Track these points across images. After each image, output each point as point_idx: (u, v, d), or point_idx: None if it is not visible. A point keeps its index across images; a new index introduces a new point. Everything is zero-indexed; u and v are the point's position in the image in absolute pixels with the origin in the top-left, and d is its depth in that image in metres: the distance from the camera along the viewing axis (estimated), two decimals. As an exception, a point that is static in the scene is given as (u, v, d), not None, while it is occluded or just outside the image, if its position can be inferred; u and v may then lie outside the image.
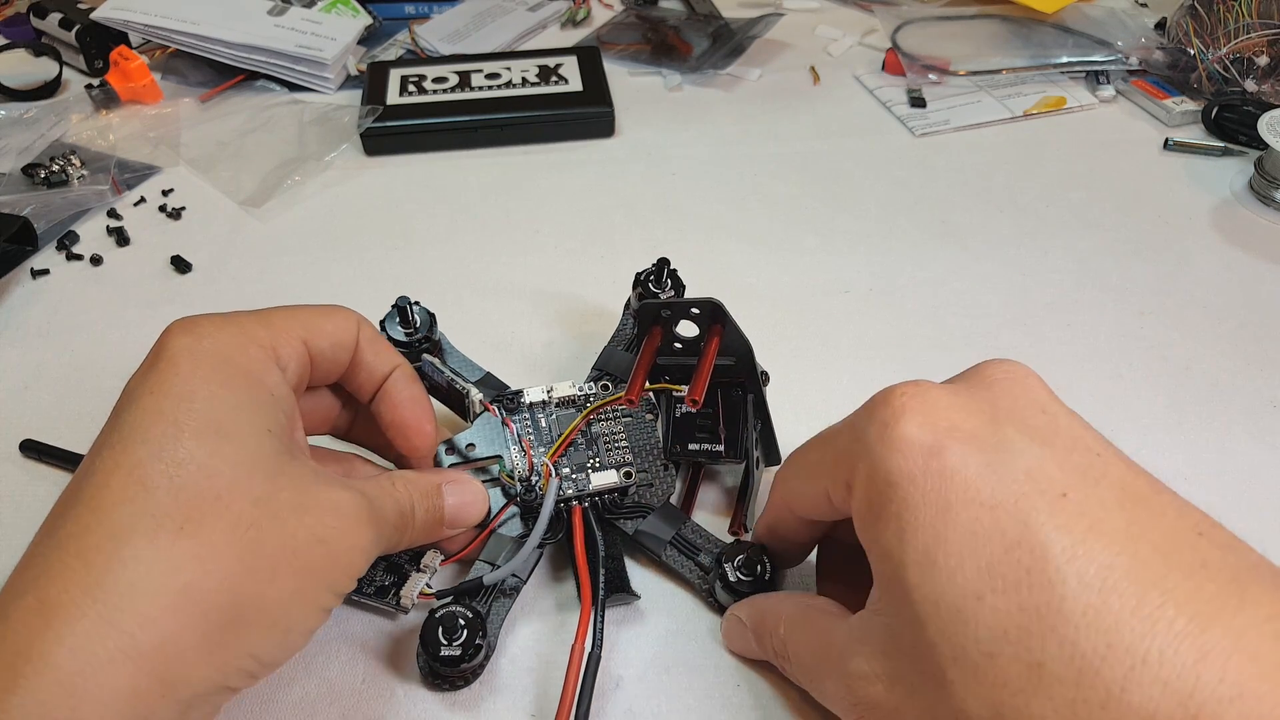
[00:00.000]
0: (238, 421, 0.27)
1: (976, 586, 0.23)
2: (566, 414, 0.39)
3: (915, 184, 0.60)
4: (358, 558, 0.29)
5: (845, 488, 0.28)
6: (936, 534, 0.24)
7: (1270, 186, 0.57)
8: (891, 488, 0.25)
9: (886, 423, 0.26)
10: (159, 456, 0.26)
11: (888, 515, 0.25)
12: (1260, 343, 0.48)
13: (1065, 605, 0.22)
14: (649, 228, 0.56)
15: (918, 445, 0.25)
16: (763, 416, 0.38)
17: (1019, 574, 0.22)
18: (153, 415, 0.27)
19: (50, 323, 0.50)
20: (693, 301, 0.34)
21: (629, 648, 0.35)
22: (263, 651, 0.26)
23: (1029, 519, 0.23)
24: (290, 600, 0.27)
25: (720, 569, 0.34)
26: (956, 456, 0.24)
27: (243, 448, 0.27)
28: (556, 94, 0.65)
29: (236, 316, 0.30)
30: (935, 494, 0.24)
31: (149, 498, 0.25)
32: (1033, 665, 0.22)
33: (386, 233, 0.56)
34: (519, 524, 0.37)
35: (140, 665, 0.24)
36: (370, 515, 0.29)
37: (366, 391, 0.35)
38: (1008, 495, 0.24)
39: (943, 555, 0.24)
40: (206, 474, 0.26)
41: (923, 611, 0.24)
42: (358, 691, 0.34)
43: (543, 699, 0.34)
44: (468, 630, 0.32)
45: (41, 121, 0.64)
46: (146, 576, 0.24)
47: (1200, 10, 0.66)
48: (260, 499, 0.26)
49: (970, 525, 0.23)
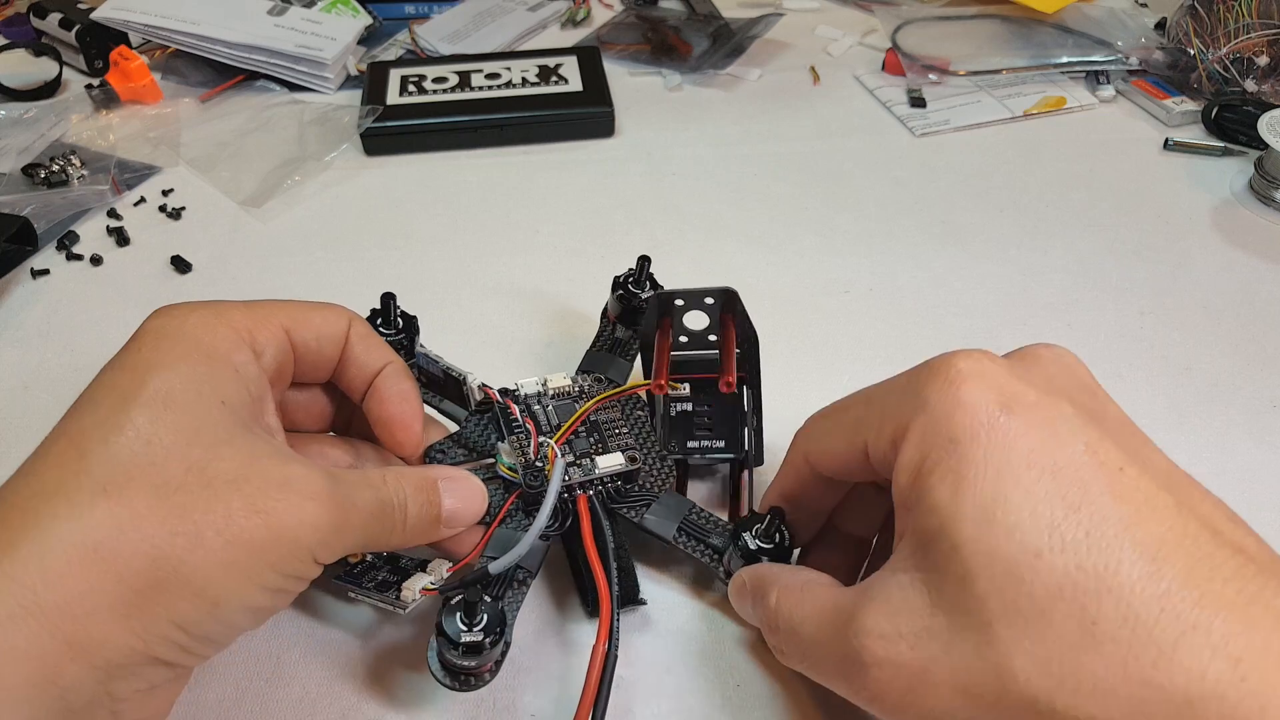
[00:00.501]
0: (188, 392, 0.27)
1: (1036, 544, 0.23)
2: (563, 404, 0.39)
3: (915, 184, 0.60)
4: (305, 534, 0.27)
5: (890, 443, 0.28)
6: (997, 491, 0.24)
7: (1270, 186, 0.57)
8: (953, 444, 0.25)
9: (951, 382, 0.26)
10: (100, 424, 0.26)
11: (944, 470, 0.25)
12: (1260, 343, 0.48)
13: (1122, 569, 0.22)
14: (649, 228, 0.56)
15: (982, 407, 0.26)
16: (757, 415, 0.38)
17: (1079, 535, 0.23)
18: (105, 389, 0.27)
19: (50, 323, 0.50)
20: (708, 290, 0.34)
21: (629, 647, 0.35)
22: (188, 621, 0.25)
23: (1090, 487, 0.24)
24: (218, 570, 0.25)
25: (739, 538, 0.33)
26: (1020, 422, 0.25)
27: (187, 416, 0.27)
28: (556, 94, 0.65)
29: (218, 303, 0.31)
30: (999, 453, 0.25)
31: (81, 461, 0.25)
32: (1086, 623, 0.22)
33: (386, 233, 0.56)
34: (522, 518, 0.36)
35: (43, 623, 0.23)
36: (332, 497, 0.28)
37: (358, 388, 0.34)
38: (1070, 463, 0.24)
39: (1002, 512, 0.24)
40: (144, 440, 0.26)
41: (975, 565, 0.24)
42: (340, 701, 0.33)
43: (540, 697, 0.33)
44: (488, 616, 0.29)
45: (41, 121, 0.64)
46: (56, 535, 0.24)
47: (1200, 10, 0.66)
48: (195, 466, 0.26)
49: (1032, 486, 0.24)
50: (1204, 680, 0.21)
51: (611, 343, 0.42)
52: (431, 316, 0.49)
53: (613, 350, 0.41)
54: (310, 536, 0.27)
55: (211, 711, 0.33)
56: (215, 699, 0.33)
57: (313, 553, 0.27)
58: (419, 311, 0.45)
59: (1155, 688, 0.21)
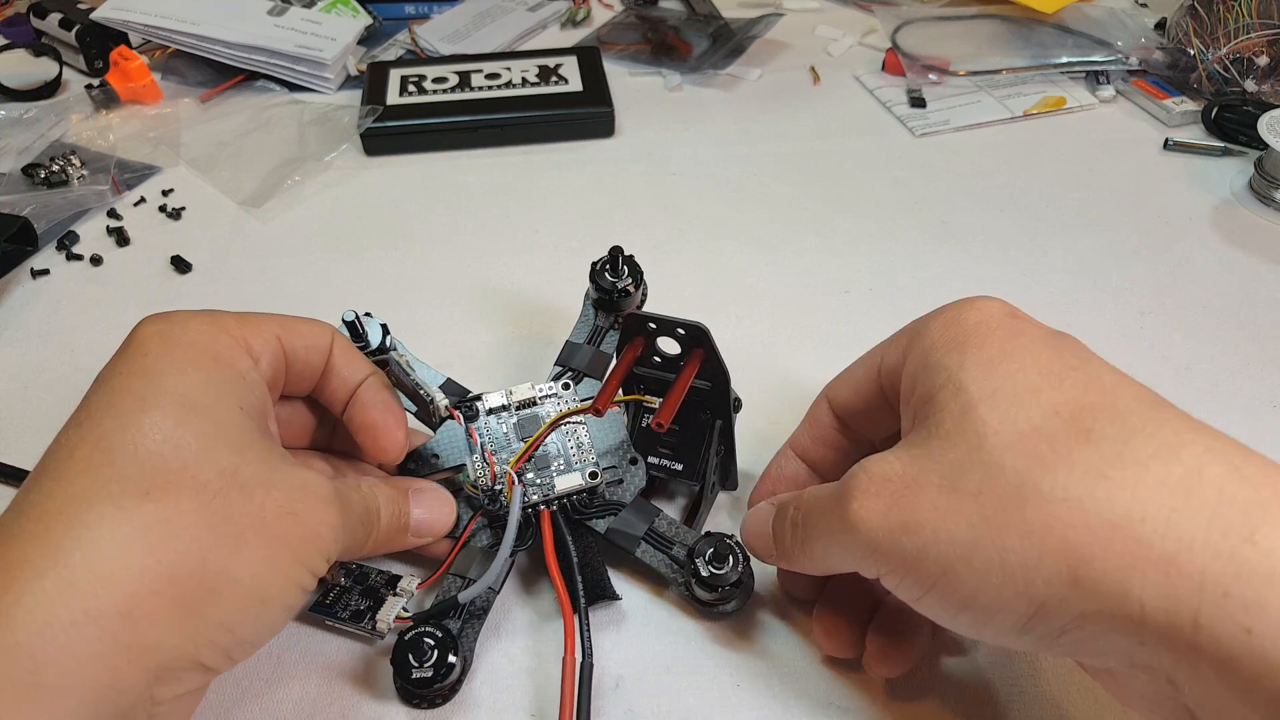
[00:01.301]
0: (206, 396, 0.28)
1: (1037, 382, 0.26)
2: (528, 414, 0.38)
3: (915, 184, 0.60)
4: (327, 534, 0.28)
5: (901, 354, 0.30)
6: (1003, 351, 0.27)
7: (1270, 186, 0.57)
8: (961, 328, 0.28)
9: (962, 302, 0.29)
10: (125, 428, 0.26)
11: (951, 343, 0.28)
12: (1260, 343, 0.48)
13: (1119, 397, 0.25)
14: (649, 228, 0.56)
15: (994, 310, 0.28)
16: (727, 443, 0.38)
17: (1078, 381, 0.26)
18: (120, 393, 0.27)
19: (50, 323, 0.50)
20: (680, 322, 0.34)
21: (629, 648, 0.35)
22: (236, 623, 0.26)
23: (1088, 362, 0.26)
24: (262, 570, 0.26)
25: (692, 564, 0.34)
26: (1028, 324, 0.28)
27: (210, 420, 0.27)
28: (556, 94, 0.65)
29: (209, 310, 0.31)
30: (1006, 332, 0.27)
31: (113, 466, 0.25)
32: (1081, 431, 0.24)
33: (386, 233, 0.56)
34: (487, 534, 0.36)
35: (104, 628, 0.23)
36: (337, 499, 0.29)
37: (339, 400, 0.34)
38: (1070, 348, 0.27)
39: (1005, 363, 0.26)
40: (172, 444, 0.26)
41: (976, 397, 0.26)
42: (340, 701, 0.33)
43: (540, 698, 0.33)
44: (438, 650, 0.31)
45: (41, 122, 0.64)
46: (110, 540, 0.24)
47: (1200, 10, 0.66)
48: (227, 470, 0.26)
49: (1033, 347, 0.27)
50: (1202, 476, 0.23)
51: (592, 330, 0.41)
52: (431, 316, 0.50)
53: (589, 341, 0.41)
54: (329, 536, 0.28)
55: (211, 711, 0.33)
56: (215, 699, 0.33)
57: (328, 552, 0.29)
58: (419, 311, 0.45)
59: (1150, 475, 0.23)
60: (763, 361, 0.47)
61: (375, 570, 0.35)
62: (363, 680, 0.34)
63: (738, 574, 0.34)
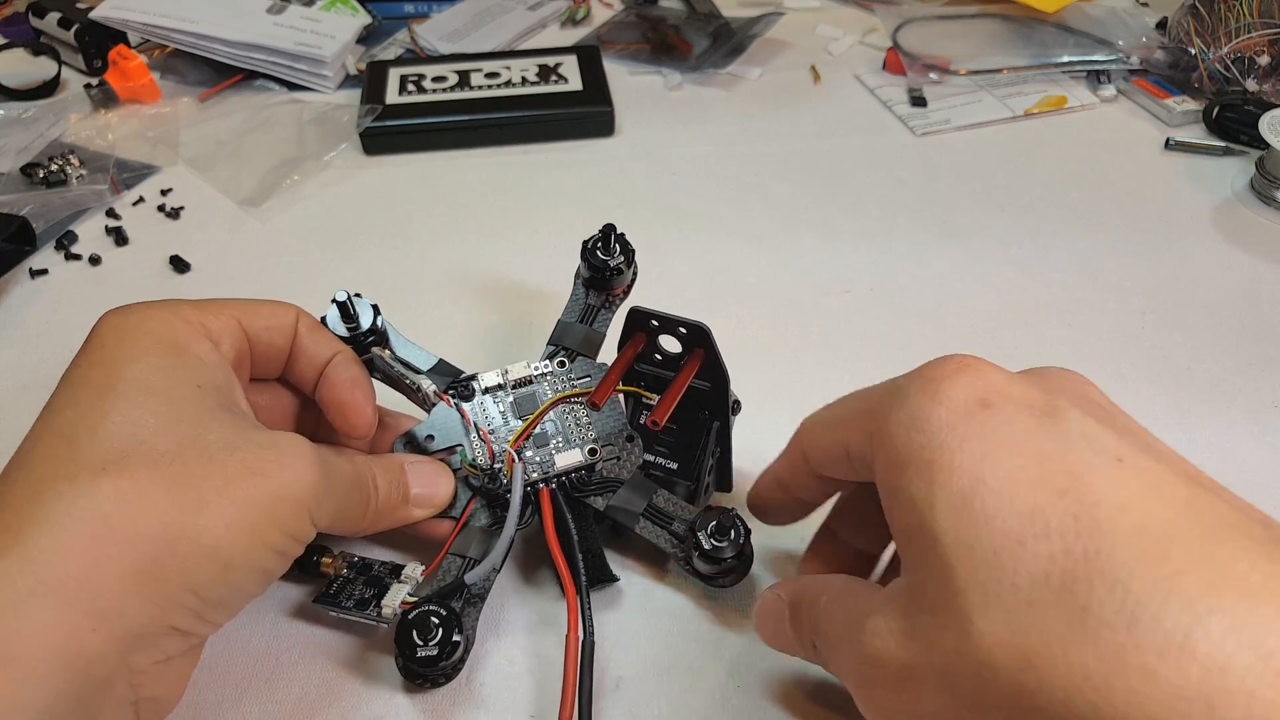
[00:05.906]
0: (164, 379, 0.28)
1: (1018, 531, 0.21)
2: (524, 393, 0.38)
3: (916, 183, 0.60)
4: (303, 492, 0.28)
5: (868, 440, 0.27)
6: (975, 479, 0.22)
7: (1271, 186, 0.57)
8: (926, 435, 0.24)
9: (933, 380, 0.25)
10: (84, 416, 0.27)
11: (918, 462, 0.24)
12: (1261, 343, 0.48)
13: (1118, 551, 0.20)
14: (649, 227, 0.56)
15: (962, 400, 0.24)
16: (724, 445, 0.38)
17: (1066, 520, 0.21)
18: (79, 385, 0.28)
19: (49, 323, 0.50)
20: (682, 321, 0.34)
21: (629, 648, 0.35)
22: (202, 585, 0.26)
23: (1080, 473, 0.22)
24: (226, 530, 0.26)
25: (694, 537, 0.34)
26: (1005, 414, 0.23)
27: (167, 400, 0.28)
28: (556, 93, 0.65)
29: (167, 300, 0.31)
30: (976, 442, 0.23)
31: (73, 449, 0.26)
32: (1076, 610, 0.20)
33: (386, 232, 0.56)
34: (486, 513, 0.36)
35: (63, 597, 0.24)
36: (317, 457, 0.29)
37: (309, 379, 0.35)
38: (1058, 451, 0.22)
39: (979, 500, 0.22)
40: (130, 423, 0.27)
41: (953, 557, 0.22)
42: (341, 700, 0.33)
43: (540, 698, 0.33)
44: (442, 629, 0.31)
45: (40, 121, 0.64)
46: (66, 512, 0.25)
47: (1201, 10, 0.66)
48: (186, 439, 0.27)
49: (1013, 472, 0.22)
50: (1226, 675, 0.18)
51: (584, 309, 0.41)
52: (430, 315, 0.50)
53: (581, 320, 0.40)
54: (306, 493, 0.28)
55: (211, 711, 0.33)
56: (215, 699, 0.33)
57: (310, 511, 0.28)
58: (418, 310, 0.45)
59: (1161, 681, 0.19)
60: (762, 361, 0.47)
61: (378, 562, 0.35)
62: (363, 681, 0.34)
63: (738, 547, 0.34)
